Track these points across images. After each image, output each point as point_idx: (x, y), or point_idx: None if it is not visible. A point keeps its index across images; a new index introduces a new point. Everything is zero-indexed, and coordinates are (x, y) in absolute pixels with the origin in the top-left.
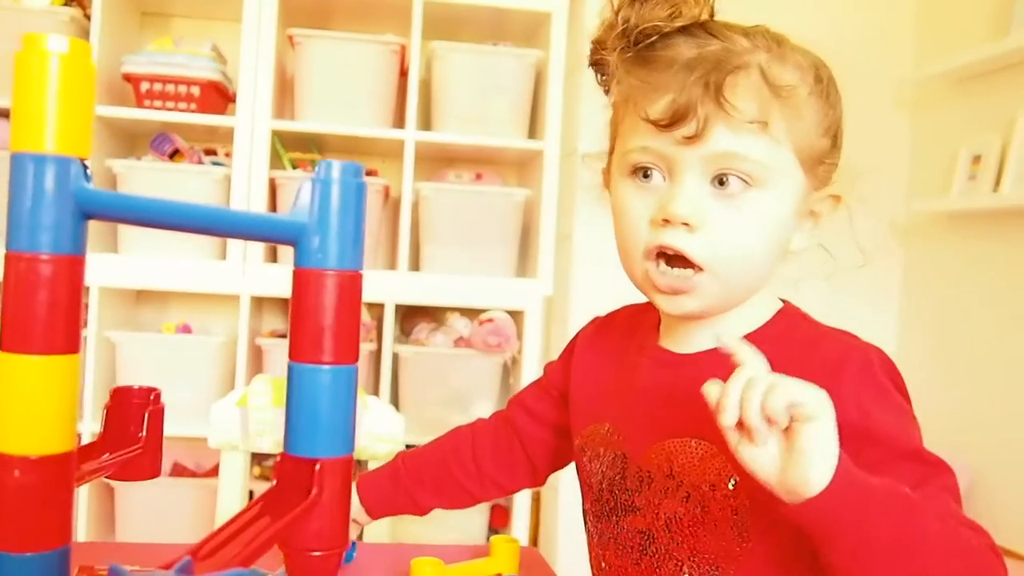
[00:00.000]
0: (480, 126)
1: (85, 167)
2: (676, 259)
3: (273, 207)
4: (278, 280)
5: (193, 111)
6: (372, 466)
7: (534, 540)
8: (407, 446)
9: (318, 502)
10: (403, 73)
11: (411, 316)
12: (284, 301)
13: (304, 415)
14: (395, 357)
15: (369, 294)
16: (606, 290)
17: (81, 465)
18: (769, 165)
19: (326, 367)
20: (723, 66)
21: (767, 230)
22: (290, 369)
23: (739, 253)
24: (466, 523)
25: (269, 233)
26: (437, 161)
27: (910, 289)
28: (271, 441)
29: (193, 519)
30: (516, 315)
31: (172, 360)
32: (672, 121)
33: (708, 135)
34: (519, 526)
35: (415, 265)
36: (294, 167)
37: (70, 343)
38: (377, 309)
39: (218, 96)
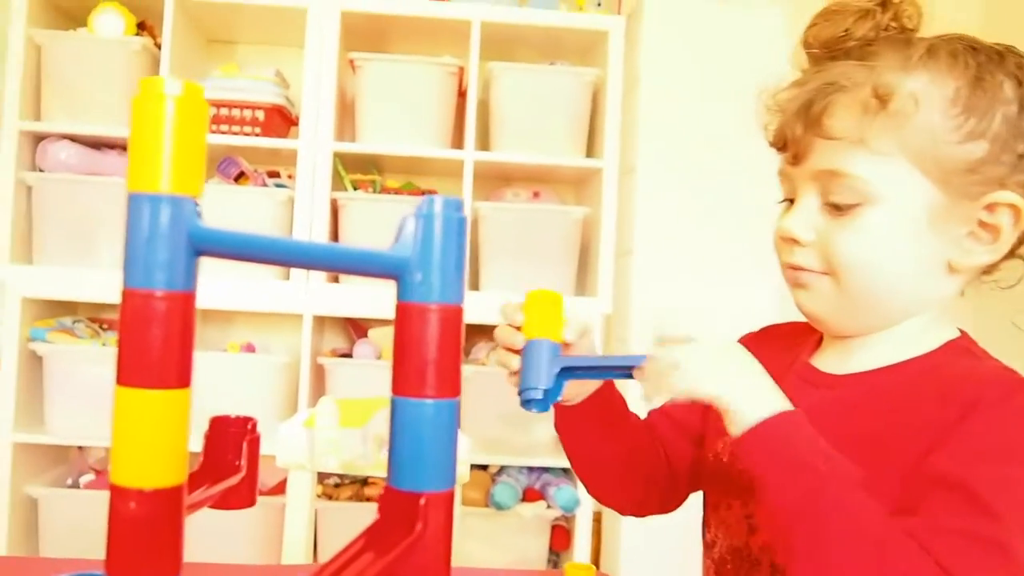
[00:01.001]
0: (537, 145)
1: (197, 205)
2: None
3: (335, 228)
4: (340, 300)
5: (257, 135)
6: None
7: (595, 561)
8: (470, 467)
9: (423, 537)
10: (461, 94)
11: (470, 335)
12: (345, 320)
13: (408, 449)
14: None
15: None
16: (667, 307)
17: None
18: (875, 180)
19: (429, 401)
20: (829, 87)
21: (890, 245)
22: (394, 403)
23: (859, 265)
24: (525, 544)
25: (372, 268)
26: (494, 180)
27: None
28: (337, 461)
29: (258, 536)
30: None
31: (236, 379)
32: (779, 145)
33: (806, 155)
34: (580, 547)
35: (474, 284)
36: (355, 188)
37: (182, 377)
38: None
39: (281, 120)
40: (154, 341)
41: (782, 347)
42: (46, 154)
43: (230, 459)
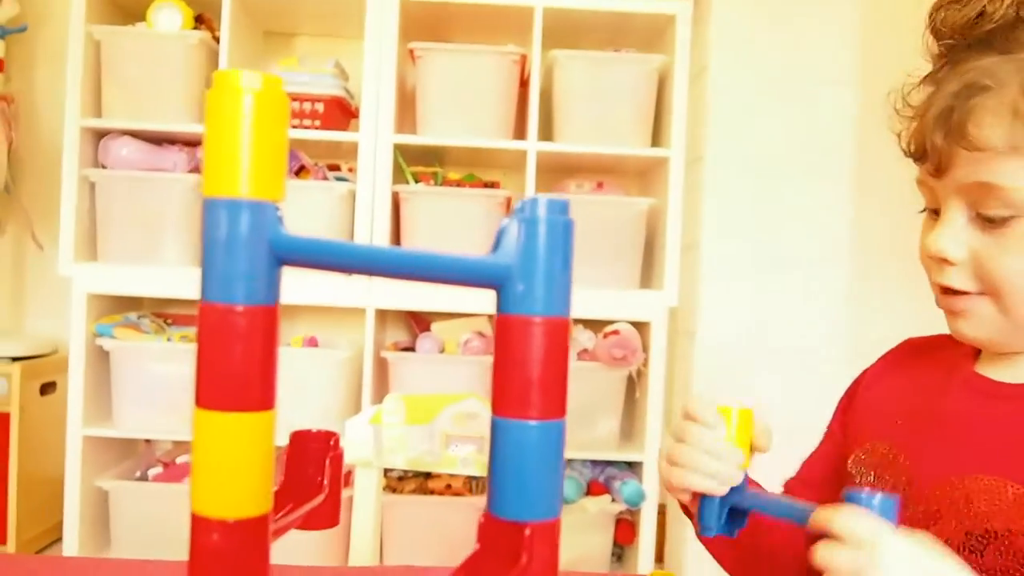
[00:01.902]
0: (601, 134)
1: (279, 211)
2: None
3: (396, 221)
4: (402, 294)
5: (317, 127)
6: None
7: (659, 556)
8: None
9: (528, 571)
10: (523, 83)
11: None
12: (407, 314)
13: (510, 475)
14: None
15: (492, 306)
16: (734, 300)
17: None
18: None
19: (534, 423)
20: (970, 89)
21: None
22: (494, 425)
23: (1016, 281)
24: (589, 538)
25: (470, 277)
26: (557, 171)
27: None
28: (404, 458)
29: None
30: (640, 327)
31: (300, 373)
32: (917, 155)
33: (950, 167)
34: (645, 541)
35: None
36: (416, 181)
37: (266, 398)
38: None
39: (341, 112)
40: (235, 359)
41: (937, 352)
42: (108, 151)
43: (312, 476)
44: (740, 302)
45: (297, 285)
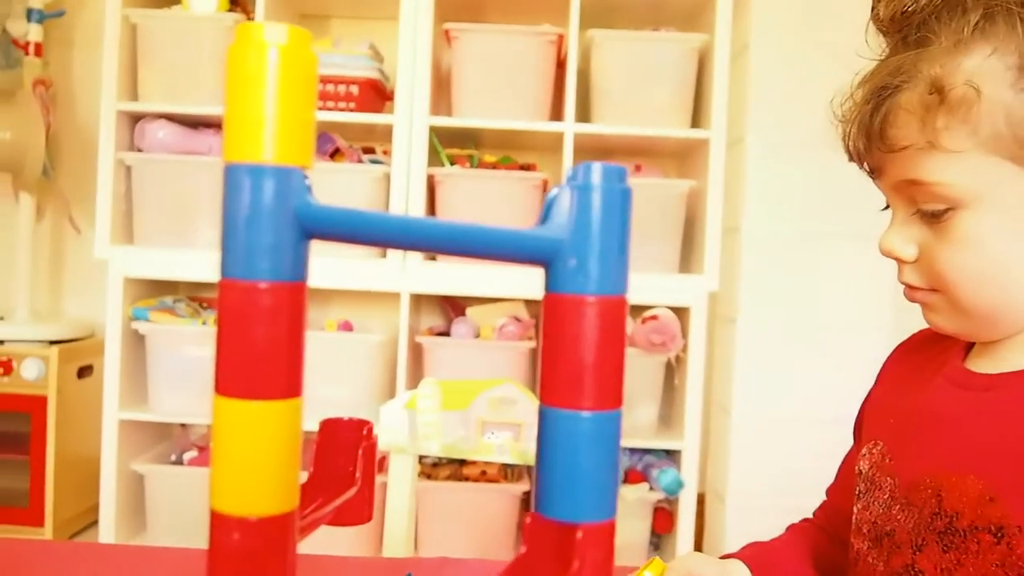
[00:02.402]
0: (640, 116)
1: (307, 178)
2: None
3: (431, 203)
4: (437, 278)
5: (352, 110)
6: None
7: (698, 546)
8: None
9: None
10: (560, 64)
11: None
12: (442, 298)
13: (561, 471)
14: None
15: (528, 290)
16: (776, 284)
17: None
18: (958, 182)
19: (587, 413)
20: (884, 90)
21: (992, 249)
22: (543, 415)
23: (964, 279)
24: (626, 526)
25: (516, 252)
26: (593, 153)
27: None
28: (439, 445)
29: None
30: (679, 312)
31: (334, 358)
32: (852, 159)
33: (881, 169)
34: (684, 530)
35: None
36: (451, 163)
37: (293, 385)
38: (535, 306)
39: (376, 95)
40: (258, 342)
41: (933, 352)
42: (144, 134)
43: (343, 467)
44: (782, 286)
45: (331, 269)
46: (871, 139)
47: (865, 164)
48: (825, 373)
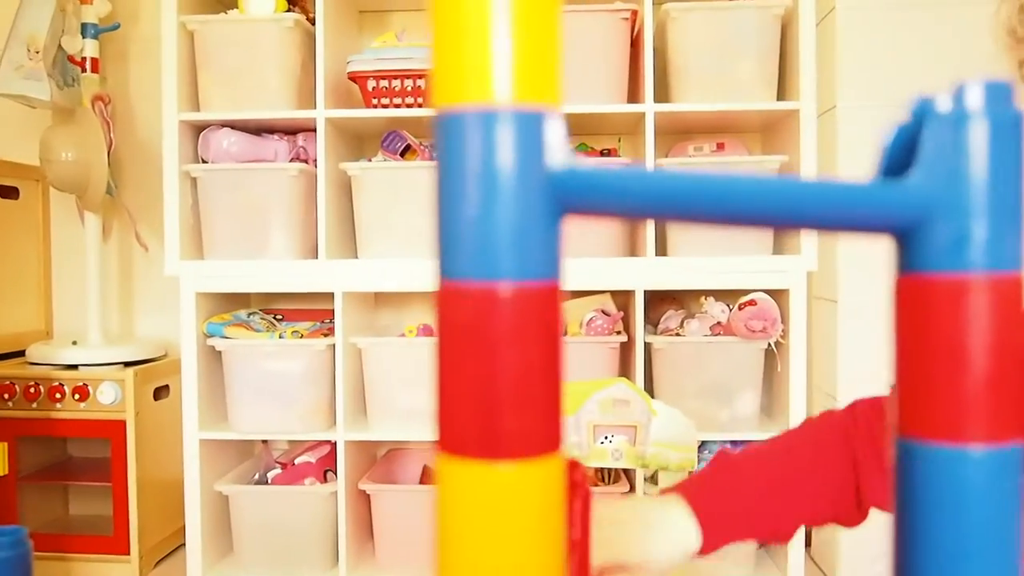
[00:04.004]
0: (722, 91)
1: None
2: None
3: None
4: None
5: (420, 105)
6: (664, 480)
7: (808, 541)
8: None
9: None
10: (634, 42)
11: (656, 304)
12: None
13: (940, 535)
14: (647, 349)
15: (615, 281)
16: (876, 261)
17: None
18: None
19: (979, 450)
20: None
21: None
22: (903, 453)
23: None
24: None
25: (865, 217)
26: (673, 134)
27: None
28: None
29: None
30: (776, 295)
31: (416, 363)
32: None
33: None
34: None
35: (662, 249)
36: None
37: (551, 435)
38: (622, 297)
39: None
40: (503, 373)
41: None
42: (209, 144)
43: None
44: (883, 263)
45: (408, 272)
46: None
47: None
48: None
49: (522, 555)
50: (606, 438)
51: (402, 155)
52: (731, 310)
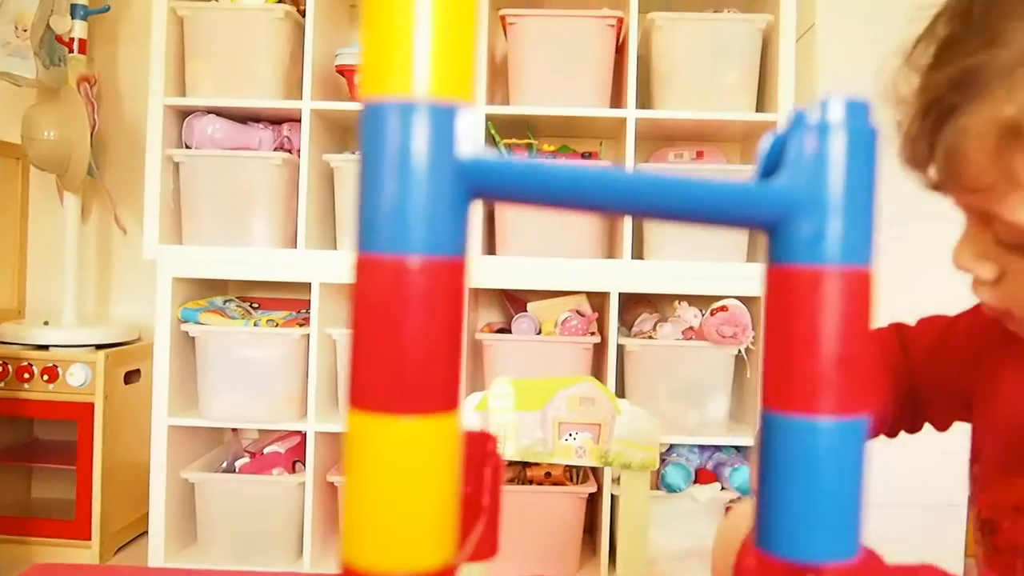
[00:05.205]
0: (703, 100)
1: (472, 120)
2: None
3: None
4: (497, 272)
5: None
6: (627, 477)
7: None
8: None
9: None
10: (619, 48)
11: (631, 306)
12: (501, 293)
13: (795, 495)
14: (620, 350)
15: (591, 283)
16: None
17: None
18: None
19: (827, 421)
20: (947, 106)
21: None
22: (766, 424)
23: None
24: (699, 527)
25: (738, 213)
26: (654, 140)
27: None
28: (514, 448)
29: None
30: (749, 302)
31: None
32: (910, 168)
33: (944, 189)
34: None
35: (638, 252)
36: (510, 153)
37: (451, 394)
38: (598, 299)
39: None
40: (409, 338)
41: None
42: (193, 129)
43: (465, 491)
44: None
45: None
46: (938, 173)
47: (925, 179)
48: None
49: (421, 499)
50: (571, 435)
51: None
52: (704, 315)
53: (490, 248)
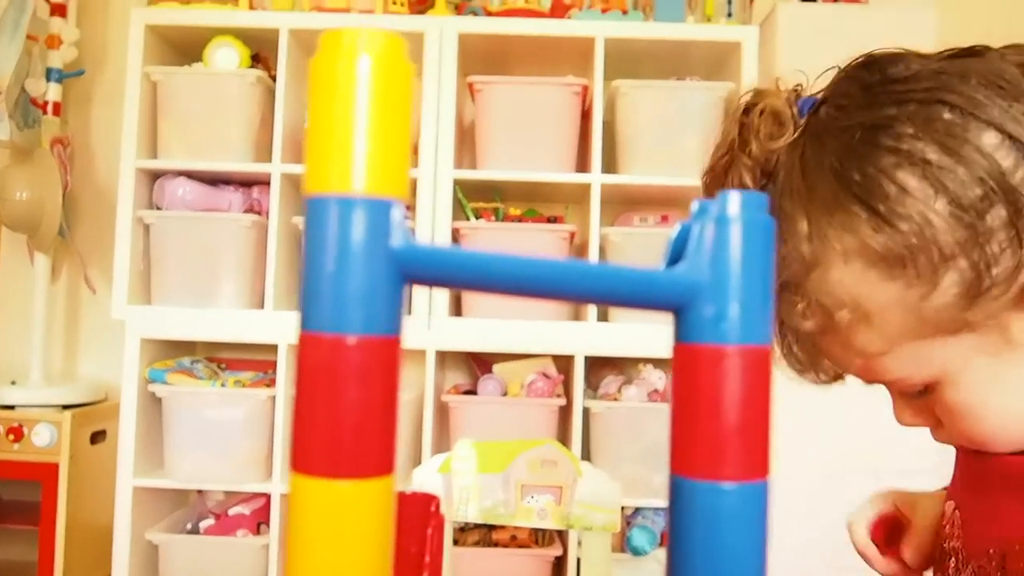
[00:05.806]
0: (666, 166)
1: (406, 212)
2: None
3: None
4: (464, 334)
5: None
6: (588, 540)
7: None
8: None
9: None
10: (584, 115)
11: (596, 368)
12: (468, 354)
13: (699, 553)
14: (585, 412)
15: (557, 345)
16: None
17: None
18: (914, 372)
19: (730, 485)
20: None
21: (994, 400)
22: (674, 488)
23: (985, 432)
24: None
25: (645, 297)
26: (619, 204)
27: None
28: (476, 510)
29: None
30: None
31: None
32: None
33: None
34: None
35: (603, 315)
36: (477, 217)
37: (386, 460)
38: (563, 361)
39: None
40: (346, 409)
41: None
42: (164, 191)
43: (408, 550)
44: None
45: None
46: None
47: None
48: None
49: (356, 559)
50: (532, 497)
51: None
52: (668, 378)
53: (456, 310)
